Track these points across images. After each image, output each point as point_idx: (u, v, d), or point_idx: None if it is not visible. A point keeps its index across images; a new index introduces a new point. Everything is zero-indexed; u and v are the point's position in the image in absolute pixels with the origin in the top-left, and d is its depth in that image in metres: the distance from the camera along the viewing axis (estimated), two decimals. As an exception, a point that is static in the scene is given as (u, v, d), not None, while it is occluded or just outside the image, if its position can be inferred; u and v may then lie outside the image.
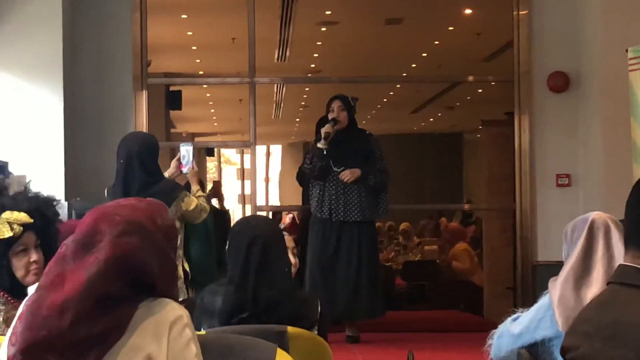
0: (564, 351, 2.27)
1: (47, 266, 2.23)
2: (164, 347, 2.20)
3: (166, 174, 5.80)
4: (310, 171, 7.58)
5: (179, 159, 5.93)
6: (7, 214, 3.38)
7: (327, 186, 7.50)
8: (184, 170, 5.94)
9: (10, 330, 2.22)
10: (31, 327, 2.12)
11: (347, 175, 7.44)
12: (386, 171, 7.64)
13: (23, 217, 3.40)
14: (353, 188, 7.47)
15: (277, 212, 13.06)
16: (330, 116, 7.59)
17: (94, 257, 2.17)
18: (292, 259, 4.04)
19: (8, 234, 3.36)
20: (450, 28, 11.39)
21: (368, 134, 7.75)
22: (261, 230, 3.49)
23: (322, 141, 7.42)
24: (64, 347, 2.13)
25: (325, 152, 7.42)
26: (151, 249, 2.23)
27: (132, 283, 2.20)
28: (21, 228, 3.39)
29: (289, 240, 4.07)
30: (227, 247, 3.53)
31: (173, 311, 2.26)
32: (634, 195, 2.34)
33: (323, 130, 7.45)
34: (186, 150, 5.92)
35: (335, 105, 7.60)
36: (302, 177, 8.77)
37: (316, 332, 3.44)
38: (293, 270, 4.01)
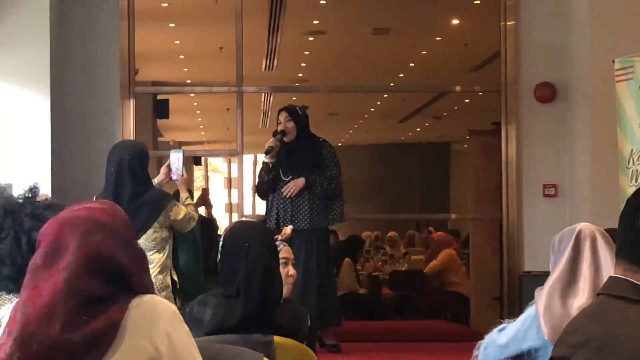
0: (552, 361, 2.27)
1: (23, 283, 2.22)
2: (165, 343, 2.22)
3: (155, 181, 5.78)
4: (260, 185, 7.57)
5: (168, 166, 5.91)
6: None
7: (275, 195, 7.45)
8: (174, 177, 5.91)
9: None
10: (22, 343, 2.11)
11: (289, 189, 7.36)
12: (336, 178, 7.48)
13: None
14: (303, 196, 7.36)
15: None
16: (278, 128, 7.56)
17: (65, 261, 2.19)
18: (292, 271, 3.98)
19: None
20: (438, 38, 11.41)
21: (321, 141, 7.63)
22: (259, 240, 3.41)
23: (266, 155, 7.44)
24: (59, 357, 2.12)
25: (270, 166, 7.42)
26: (117, 242, 2.26)
27: (109, 279, 2.22)
28: None
29: (288, 252, 4.02)
30: (219, 257, 3.47)
31: (168, 306, 2.29)
32: (627, 207, 2.34)
33: (266, 144, 7.44)
34: (176, 158, 5.89)
35: (282, 117, 7.53)
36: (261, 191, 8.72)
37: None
38: (291, 282, 3.96)
